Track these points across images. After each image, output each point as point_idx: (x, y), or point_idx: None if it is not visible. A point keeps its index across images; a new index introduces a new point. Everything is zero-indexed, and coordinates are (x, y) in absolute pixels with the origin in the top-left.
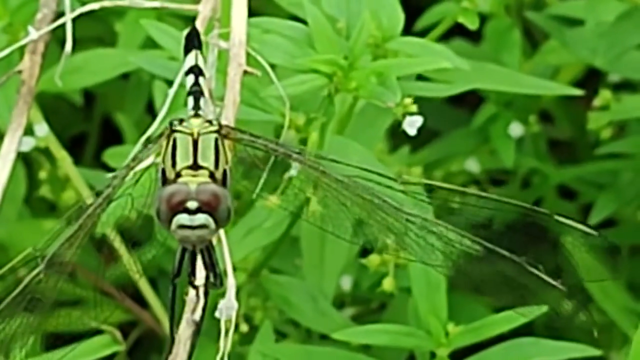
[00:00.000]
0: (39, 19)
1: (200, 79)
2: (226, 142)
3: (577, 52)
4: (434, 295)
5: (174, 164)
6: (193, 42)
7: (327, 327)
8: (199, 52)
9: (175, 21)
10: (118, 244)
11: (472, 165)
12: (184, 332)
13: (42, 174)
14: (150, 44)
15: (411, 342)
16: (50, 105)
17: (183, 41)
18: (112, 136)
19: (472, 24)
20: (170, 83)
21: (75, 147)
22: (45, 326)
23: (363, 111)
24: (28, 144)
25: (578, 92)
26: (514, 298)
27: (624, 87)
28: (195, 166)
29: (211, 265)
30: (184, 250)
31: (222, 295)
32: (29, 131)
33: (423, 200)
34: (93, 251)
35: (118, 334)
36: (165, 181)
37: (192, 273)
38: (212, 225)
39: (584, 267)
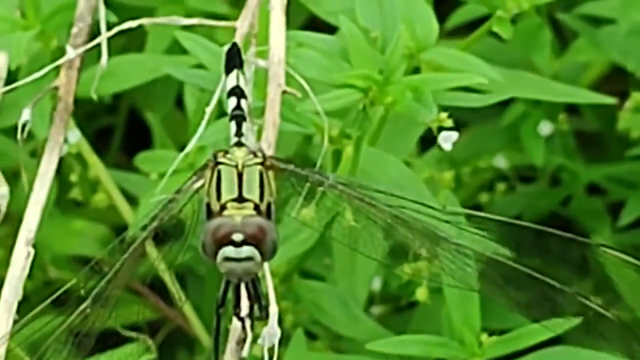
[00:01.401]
0: (74, 33)
1: (242, 102)
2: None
3: (608, 53)
4: (467, 306)
5: (218, 197)
6: (234, 60)
7: (358, 333)
8: (240, 71)
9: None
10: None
11: (501, 162)
12: None
13: (73, 177)
14: (177, 46)
15: (444, 353)
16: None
17: (223, 58)
18: (139, 130)
19: (505, 34)
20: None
21: (100, 139)
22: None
23: (395, 120)
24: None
25: (610, 100)
26: (548, 313)
27: None
28: (240, 199)
29: (256, 298)
30: (228, 282)
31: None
32: None
33: (467, 230)
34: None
35: (150, 342)
36: (210, 214)
37: (237, 304)
38: (258, 257)
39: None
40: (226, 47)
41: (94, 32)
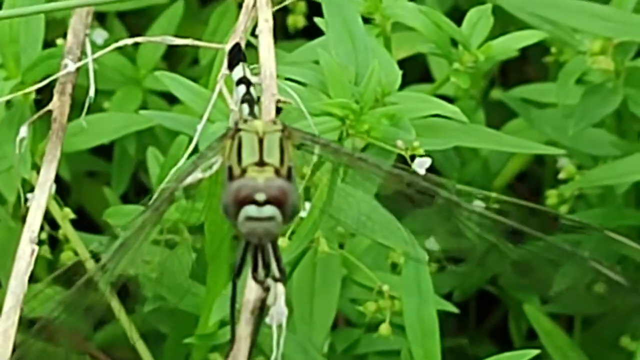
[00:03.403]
0: (64, 64)
1: (251, 89)
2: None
3: (541, 130)
4: (429, 342)
5: (239, 161)
6: (238, 56)
7: None
8: (245, 64)
9: (159, 100)
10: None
11: (432, 244)
12: (244, 330)
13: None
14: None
15: None
16: None
17: (226, 57)
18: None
19: (463, 84)
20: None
21: None
22: None
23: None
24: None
25: (560, 151)
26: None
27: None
28: (261, 163)
29: (277, 260)
30: (246, 246)
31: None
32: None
33: None
34: (82, 314)
35: None
36: (231, 177)
37: (255, 269)
38: (279, 218)
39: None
40: (228, 47)
41: None
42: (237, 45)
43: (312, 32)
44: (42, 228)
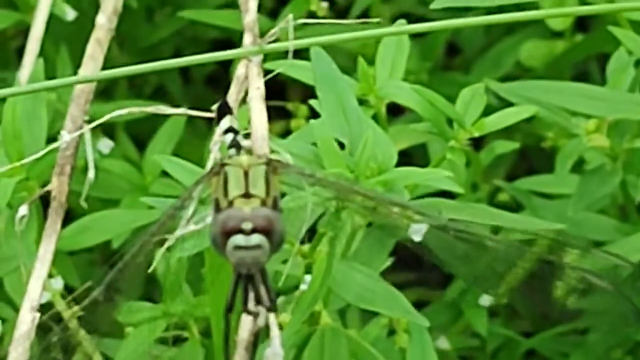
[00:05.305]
0: (62, 147)
1: (238, 137)
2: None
3: (544, 219)
4: None
5: (226, 194)
6: (225, 109)
7: None
8: (232, 117)
9: None
10: None
11: (443, 343)
12: None
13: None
14: None
15: None
16: None
17: (215, 113)
18: None
19: (459, 161)
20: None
21: None
22: None
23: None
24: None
25: (561, 226)
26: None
27: None
28: (247, 194)
29: (266, 289)
30: (237, 278)
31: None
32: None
33: None
34: None
35: None
36: (218, 210)
37: (246, 300)
38: (267, 246)
39: None
40: (216, 105)
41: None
42: (224, 101)
43: None
44: (50, 329)
